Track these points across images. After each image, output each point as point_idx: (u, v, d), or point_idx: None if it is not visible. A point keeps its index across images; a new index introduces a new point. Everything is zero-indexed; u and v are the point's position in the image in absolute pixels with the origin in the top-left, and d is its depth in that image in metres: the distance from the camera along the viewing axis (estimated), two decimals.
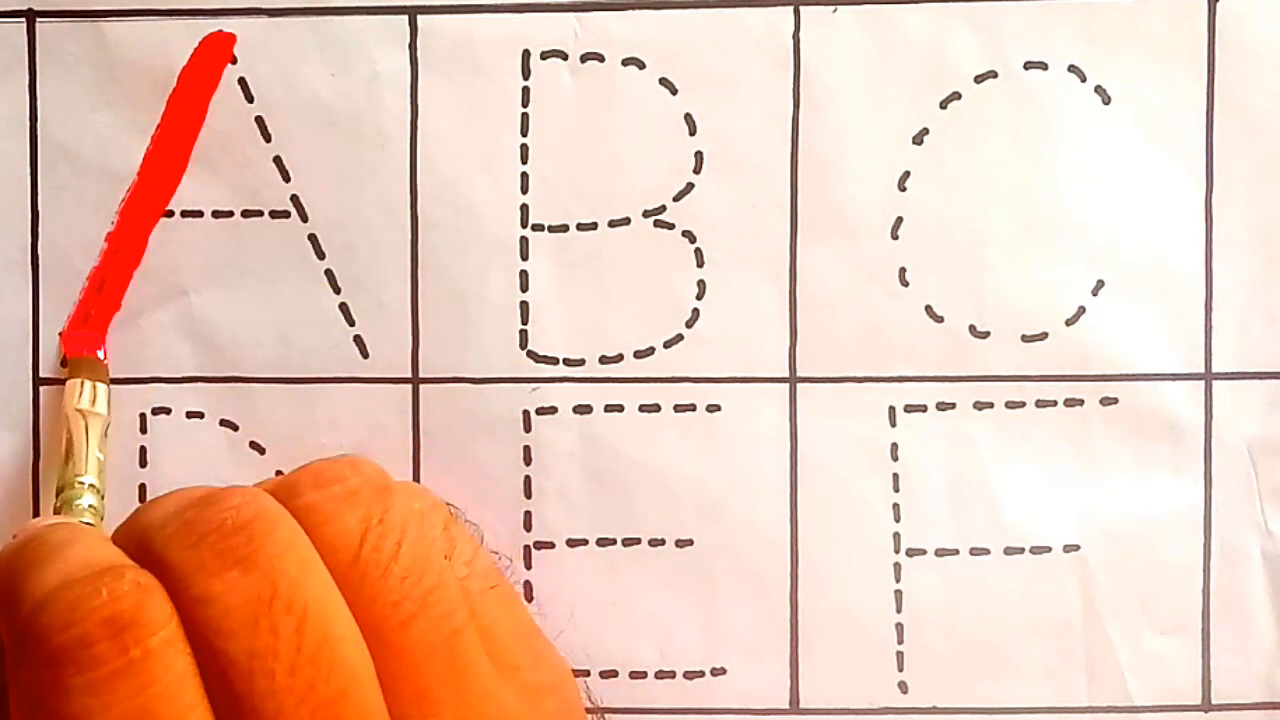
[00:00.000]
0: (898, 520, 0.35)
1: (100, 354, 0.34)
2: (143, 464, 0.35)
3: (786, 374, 0.35)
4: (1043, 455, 0.35)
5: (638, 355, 0.35)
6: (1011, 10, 0.34)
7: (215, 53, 0.34)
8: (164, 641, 0.24)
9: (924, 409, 0.35)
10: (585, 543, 0.35)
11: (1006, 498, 0.35)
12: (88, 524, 0.31)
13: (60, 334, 0.34)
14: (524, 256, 0.35)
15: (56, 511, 0.32)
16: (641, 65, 0.35)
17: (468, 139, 0.35)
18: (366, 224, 0.35)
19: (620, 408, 0.35)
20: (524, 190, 0.35)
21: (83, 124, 0.35)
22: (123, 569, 0.25)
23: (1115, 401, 0.35)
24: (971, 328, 0.35)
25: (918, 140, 0.35)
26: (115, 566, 0.25)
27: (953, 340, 0.35)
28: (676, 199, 0.35)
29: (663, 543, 0.35)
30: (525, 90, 0.35)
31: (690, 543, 0.35)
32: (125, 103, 0.35)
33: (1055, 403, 0.35)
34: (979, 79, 0.34)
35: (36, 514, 0.35)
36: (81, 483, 0.32)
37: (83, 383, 0.33)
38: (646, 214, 0.35)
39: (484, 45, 0.35)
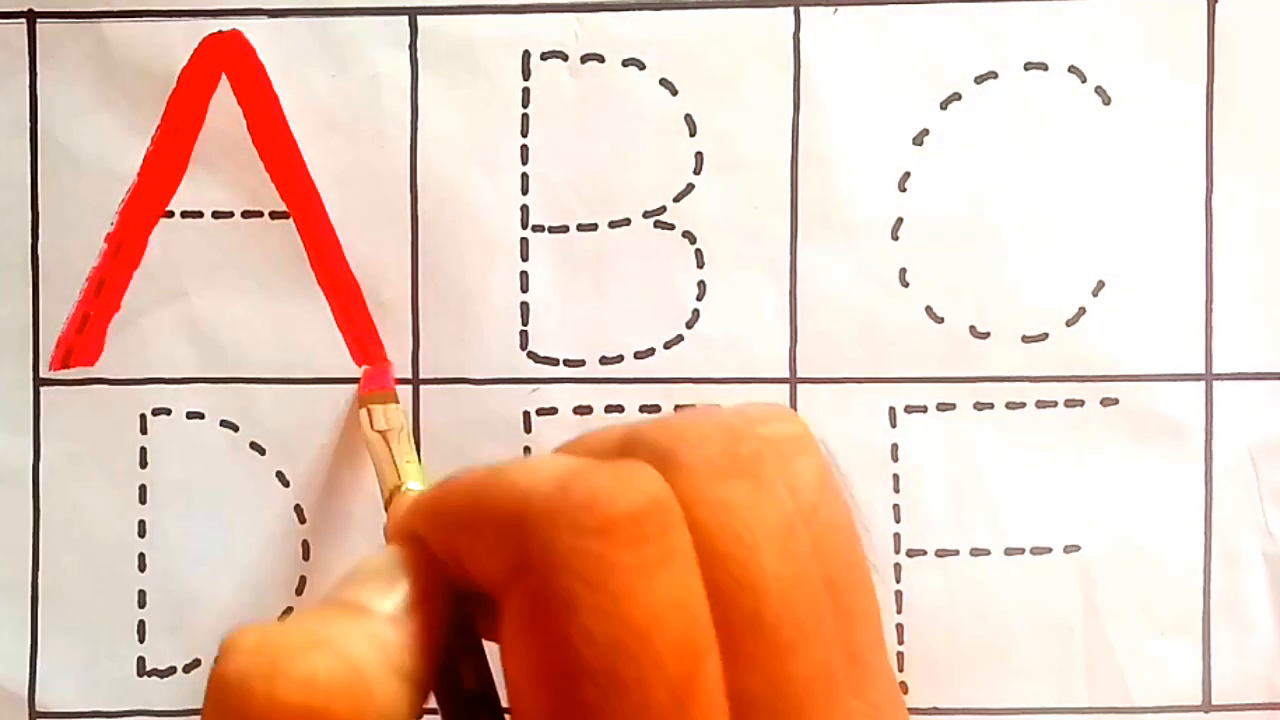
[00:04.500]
0: (898, 521, 0.35)
1: (392, 381, 0.35)
2: (143, 464, 0.35)
3: (786, 374, 0.35)
4: (1043, 456, 0.35)
5: (638, 356, 0.35)
6: (1011, 10, 0.34)
7: (215, 53, 0.34)
8: (688, 540, 0.22)
9: (924, 409, 0.35)
10: None
11: (1006, 498, 0.35)
12: None
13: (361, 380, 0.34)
14: (524, 257, 0.35)
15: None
16: (641, 66, 0.35)
17: (468, 139, 0.35)
18: (366, 224, 0.35)
19: (621, 408, 0.35)
20: (524, 191, 0.35)
21: (83, 124, 0.35)
22: (638, 463, 0.22)
23: (1115, 402, 0.35)
24: (971, 328, 0.35)
25: (918, 140, 0.35)
26: (628, 462, 0.22)
27: (953, 340, 0.35)
28: (676, 199, 0.35)
29: None
30: (525, 90, 0.35)
31: None
32: (125, 103, 0.35)
33: (1056, 403, 0.35)
34: (979, 79, 0.34)
35: (38, 515, 0.35)
36: (410, 489, 0.31)
37: (372, 409, 0.33)
38: (646, 214, 0.35)
39: (484, 46, 0.35)
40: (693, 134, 0.35)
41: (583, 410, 0.35)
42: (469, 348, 0.35)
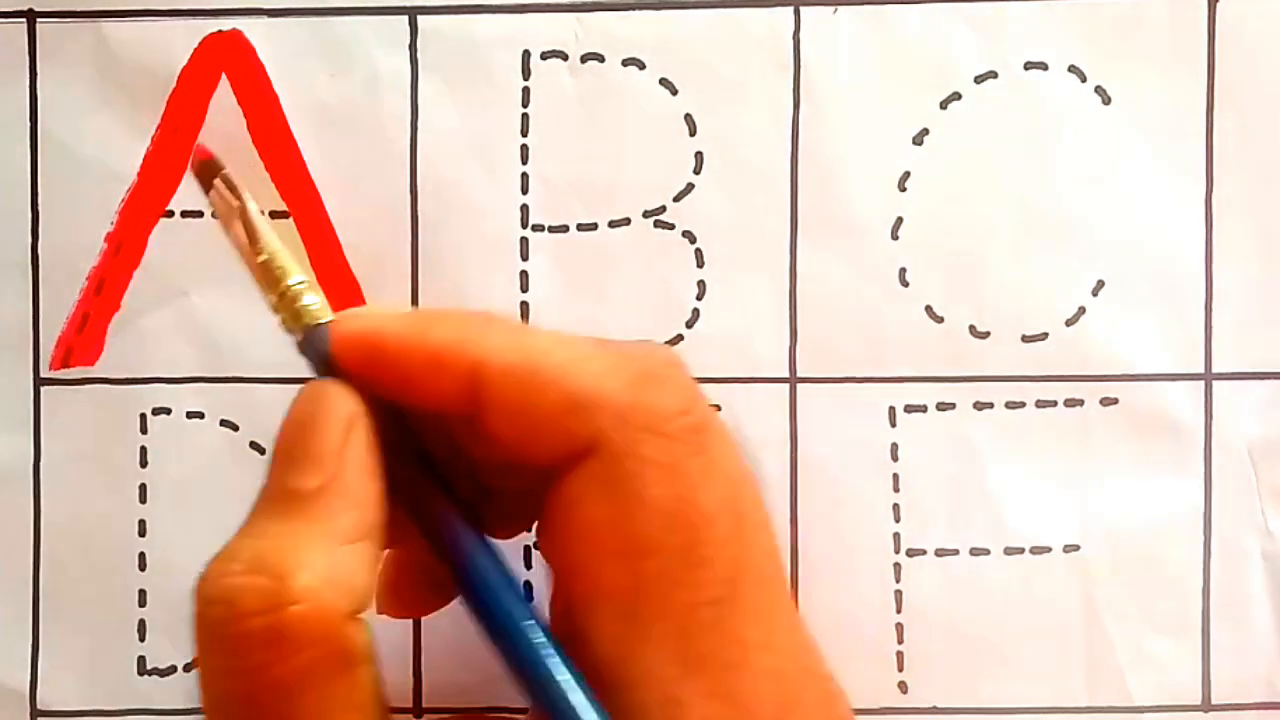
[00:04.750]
0: (898, 520, 0.35)
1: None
2: (143, 464, 0.35)
3: (786, 374, 0.35)
4: (1043, 455, 0.35)
5: None
6: (1011, 10, 0.34)
7: (215, 53, 0.34)
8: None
9: (924, 409, 0.35)
10: None
11: (1006, 498, 0.35)
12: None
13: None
14: (524, 256, 0.35)
15: (295, 322, 0.28)
16: (641, 65, 0.35)
17: (468, 139, 0.35)
18: (366, 224, 0.35)
19: None
20: (524, 191, 0.35)
21: (83, 124, 0.35)
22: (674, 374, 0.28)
23: (1115, 401, 0.35)
24: (971, 328, 0.35)
25: (918, 140, 0.35)
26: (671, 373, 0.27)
27: (953, 340, 0.35)
28: (676, 199, 0.35)
29: None
30: (525, 90, 0.35)
31: None
32: (125, 103, 0.35)
33: (1055, 403, 0.35)
34: (979, 79, 0.34)
35: (38, 515, 0.35)
36: (296, 284, 0.28)
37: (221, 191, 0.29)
38: (646, 214, 0.35)
39: (484, 45, 0.35)
40: (693, 134, 0.35)
41: None
42: None
